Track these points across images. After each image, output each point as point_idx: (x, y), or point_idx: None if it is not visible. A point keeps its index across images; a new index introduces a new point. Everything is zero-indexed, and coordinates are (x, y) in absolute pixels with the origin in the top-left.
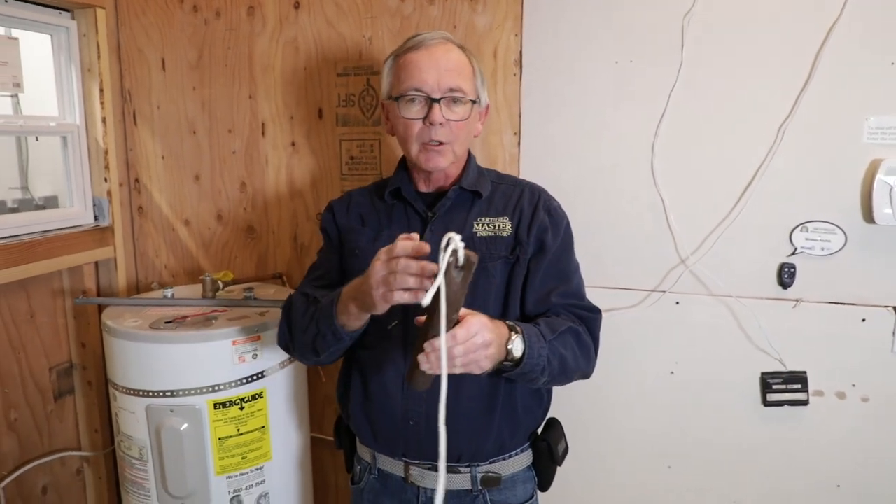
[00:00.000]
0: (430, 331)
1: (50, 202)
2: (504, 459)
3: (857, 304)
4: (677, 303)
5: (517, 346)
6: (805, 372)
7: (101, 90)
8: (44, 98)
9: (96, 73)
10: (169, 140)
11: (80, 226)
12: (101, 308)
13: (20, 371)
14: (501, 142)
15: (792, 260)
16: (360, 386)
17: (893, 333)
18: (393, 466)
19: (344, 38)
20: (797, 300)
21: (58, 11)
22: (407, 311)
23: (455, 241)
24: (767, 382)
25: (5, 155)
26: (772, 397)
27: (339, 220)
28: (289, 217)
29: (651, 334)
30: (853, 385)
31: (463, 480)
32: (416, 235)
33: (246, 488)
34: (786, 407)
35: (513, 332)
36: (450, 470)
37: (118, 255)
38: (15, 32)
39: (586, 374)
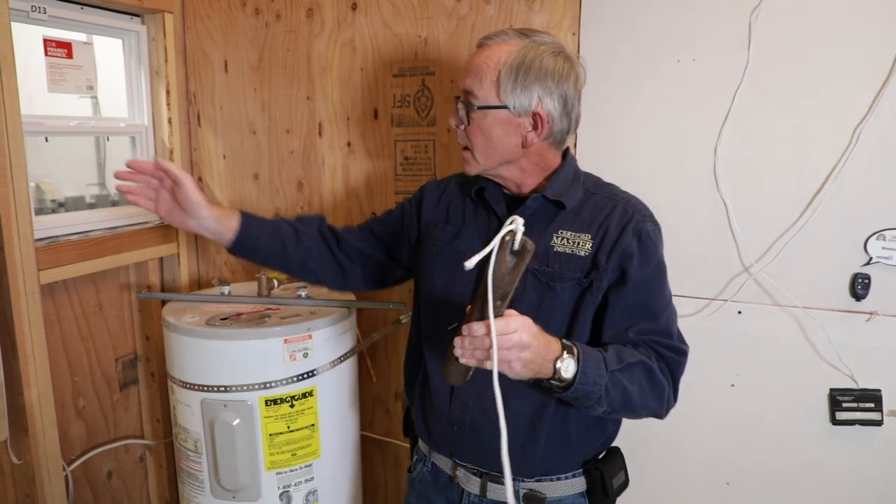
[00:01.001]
0: (472, 316)
1: (124, 198)
2: (552, 481)
3: None
4: (740, 312)
5: (567, 367)
6: (879, 390)
7: (168, 92)
8: (118, 100)
9: (163, 76)
10: (230, 140)
11: (146, 223)
12: (163, 302)
13: (89, 361)
14: None
15: (866, 270)
16: (420, 383)
17: None
18: (444, 464)
19: (400, 38)
20: (871, 313)
21: (129, 17)
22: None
23: (517, 222)
24: (837, 399)
25: (85, 153)
26: (841, 415)
27: (426, 210)
28: (343, 216)
29: (711, 344)
30: None
31: (505, 492)
32: None
33: (295, 484)
34: (857, 426)
35: (566, 351)
36: (493, 479)
37: (181, 252)
38: (88, 37)
39: (658, 415)
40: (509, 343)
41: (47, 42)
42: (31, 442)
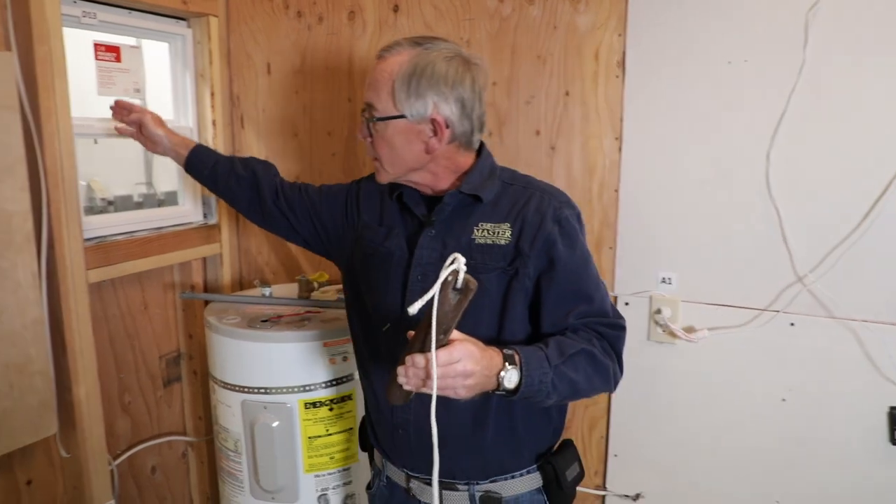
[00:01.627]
0: (415, 346)
1: (170, 197)
2: (506, 479)
3: None
4: (792, 324)
5: (511, 378)
6: None
7: (212, 94)
8: (166, 103)
9: (208, 79)
10: (272, 142)
11: (190, 223)
12: (206, 302)
13: (134, 358)
14: (601, 146)
15: None
16: (364, 386)
17: None
18: (398, 476)
19: None
20: None
21: (175, 20)
22: (401, 316)
23: (459, 261)
24: None
25: (134, 153)
26: None
27: (363, 208)
28: None
29: (761, 357)
30: None
31: (461, 498)
32: None
33: (333, 488)
34: None
35: (507, 363)
36: (446, 486)
37: (224, 252)
38: (137, 41)
39: (607, 392)
40: (453, 373)
41: (97, 46)
42: (79, 436)
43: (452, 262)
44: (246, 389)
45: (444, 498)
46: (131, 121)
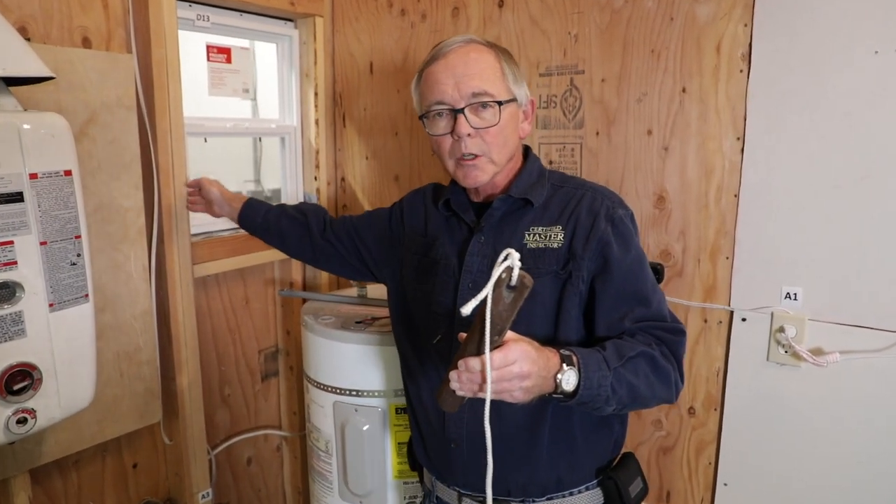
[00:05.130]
0: (468, 349)
1: (276, 195)
2: (564, 497)
3: None
4: None
5: (569, 380)
6: None
7: (316, 94)
8: (275, 102)
9: (312, 78)
10: (373, 141)
11: None
12: (303, 300)
13: (234, 352)
14: (720, 148)
15: None
16: (412, 401)
17: None
18: (448, 496)
19: (548, 35)
20: None
21: (283, 21)
22: (452, 326)
23: (512, 257)
24: None
25: (245, 151)
26: None
27: (407, 222)
28: None
29: None
30: None
31: None
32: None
33: (421, 496)
34: None
35: (565, 364)
36: None
37: None
38: (248, 42)
39: (668, 401)
40: (509, 375)
41: (210, 48)
42: (181, 425)
43: (505, 259)
44: (338, 390)
45: None
46: (191, 185)
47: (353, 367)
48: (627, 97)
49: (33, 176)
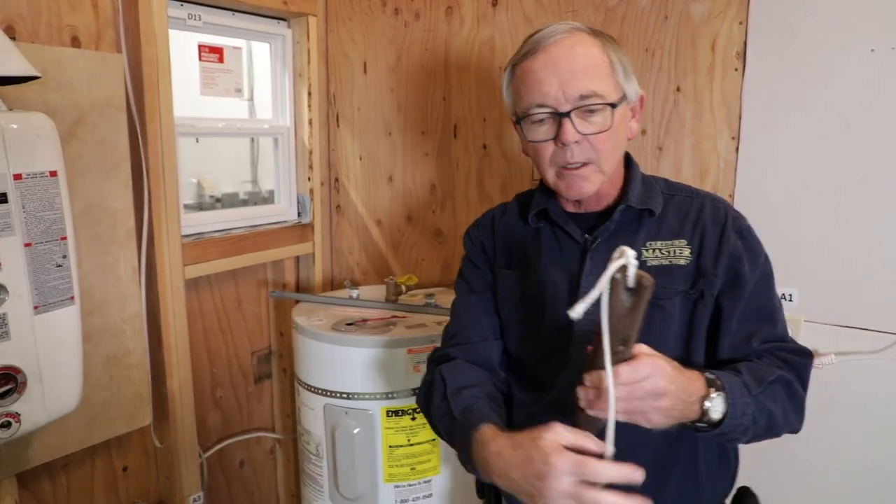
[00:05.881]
0: (595, 363)
1: (272, 196)
2: None
3: None
4: None
5: (717, 407)
6: None
7: (310, 94)
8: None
9: (306, 78)
10: (366, 141)
11: (284, 221)
12: (296, 301)
13: (227, 353)
14: (715, 147)
15: None
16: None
17: None
18: None
19: None
20: None
21: (276, 21)
22: (569, 339)
23: (627, 255)
24: None
25: (242, 152)
26: None
27: (494, 260)
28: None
29: None
30: None
31: None
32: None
33: (413, 499)
34: None
35: (712, 389)
36: None
37: (316, 252)
38: (240, 42)
39: (795, 430)
40: (640, 392)
41: (202, 47)
42: (172, 428)
43: (620, 256)
44: (328, 393)
45: None
46: None
47: (343, 369)
48: None
49: (17, 177)
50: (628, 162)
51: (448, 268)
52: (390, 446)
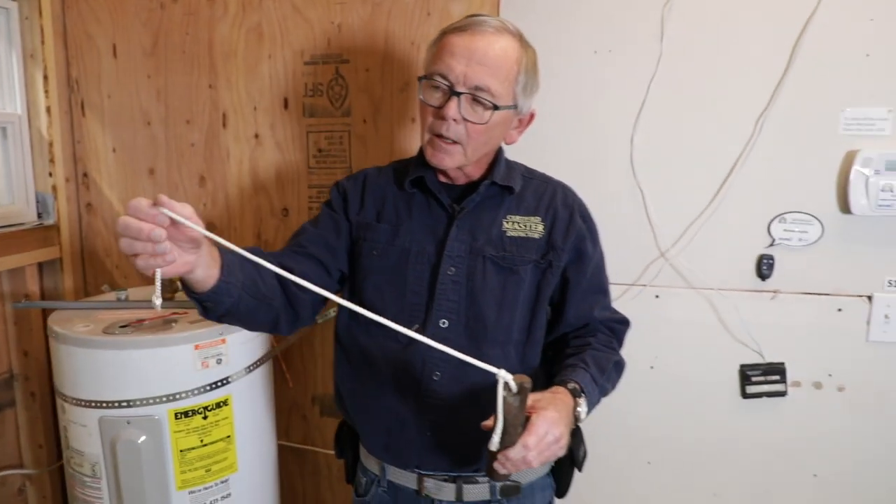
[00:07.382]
0: (505, 440)
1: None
2: None
3: (832, 294)
4: (657, 296)
5: (583, 409)
6: (783, 363)
7: (46, 77)
8: None
9: (40, 60)
10: (121, 132)
11: (21, 224)
12: (45, 313)
13: None
14: None
15: (770, 251)
16: (367, 391)
17: (868, 323)
18: (406, 479)
19: (312, 24)
20: (775, 291)
21: None
22: (428, 315)
23: (501, 376)
24: (746, 375)
25: None
26: (751, 389)
27: (352, 210)
28: (252, 213)
29: (631, 329)
30: (829, 375)
31: (481, 491)
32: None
33: (211, 503)
34: (764, 399)
35: (577, 399)
36: (467, 480)
37: (64, 256)
38: None
39: None
40: (546, 444)
41: None
42: None
43: (499, 379)
44: (104, 404)
45: (465, 492)
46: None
47: (121, 375)
48: (391, 87)
49: None
50: (498, 150)
51: None
52: (181, 450)
